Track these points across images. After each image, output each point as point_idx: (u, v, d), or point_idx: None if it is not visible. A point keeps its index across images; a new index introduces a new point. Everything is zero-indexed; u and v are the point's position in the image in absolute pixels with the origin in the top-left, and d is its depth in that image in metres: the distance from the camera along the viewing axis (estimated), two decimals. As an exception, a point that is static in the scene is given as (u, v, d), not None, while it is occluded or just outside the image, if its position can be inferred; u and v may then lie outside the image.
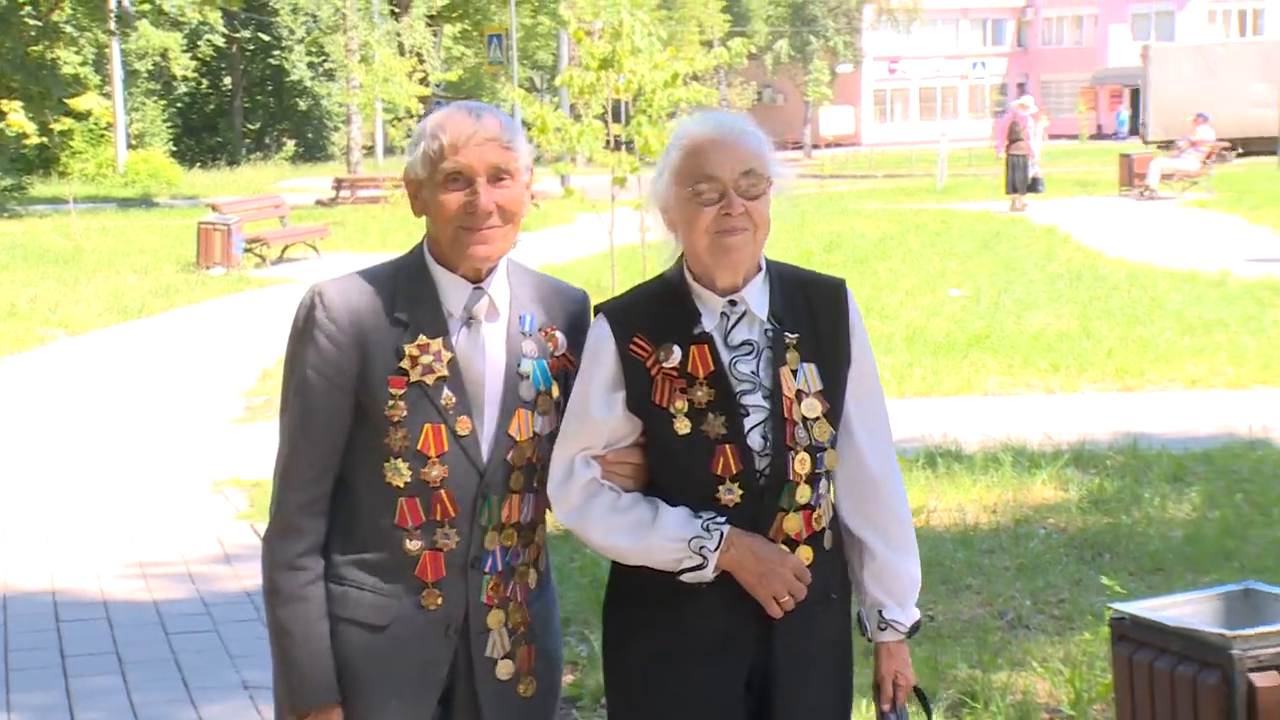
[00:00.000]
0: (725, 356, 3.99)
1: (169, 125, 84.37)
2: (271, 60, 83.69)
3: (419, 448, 3.88)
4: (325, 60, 63.48)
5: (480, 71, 62.78)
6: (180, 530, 12.87)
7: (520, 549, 4.11)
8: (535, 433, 4.05)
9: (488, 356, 4.04)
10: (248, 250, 35.28)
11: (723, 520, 3.90)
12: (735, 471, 3.92)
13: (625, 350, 3.99)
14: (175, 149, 78.96)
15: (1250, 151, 60.78)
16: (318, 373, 3.90)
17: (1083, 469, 13.52)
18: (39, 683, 9.25)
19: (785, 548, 4.02)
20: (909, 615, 4.24)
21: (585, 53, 24.72)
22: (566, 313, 4.27)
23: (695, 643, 3.99)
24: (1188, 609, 5.79)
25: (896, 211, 45.54)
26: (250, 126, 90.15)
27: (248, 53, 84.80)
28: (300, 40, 67.87)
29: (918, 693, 4.46)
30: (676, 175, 4.01)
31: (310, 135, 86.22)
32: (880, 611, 4.19)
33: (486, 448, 3.99)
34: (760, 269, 4.11)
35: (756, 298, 4.06)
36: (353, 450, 3.97)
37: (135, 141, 73.26)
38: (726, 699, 4.03)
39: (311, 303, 3.95)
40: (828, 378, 4.09)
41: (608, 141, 24.88)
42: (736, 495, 3.92)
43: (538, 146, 22.75)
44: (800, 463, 3.97)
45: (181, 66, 72.82)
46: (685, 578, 3.88)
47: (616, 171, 24.55)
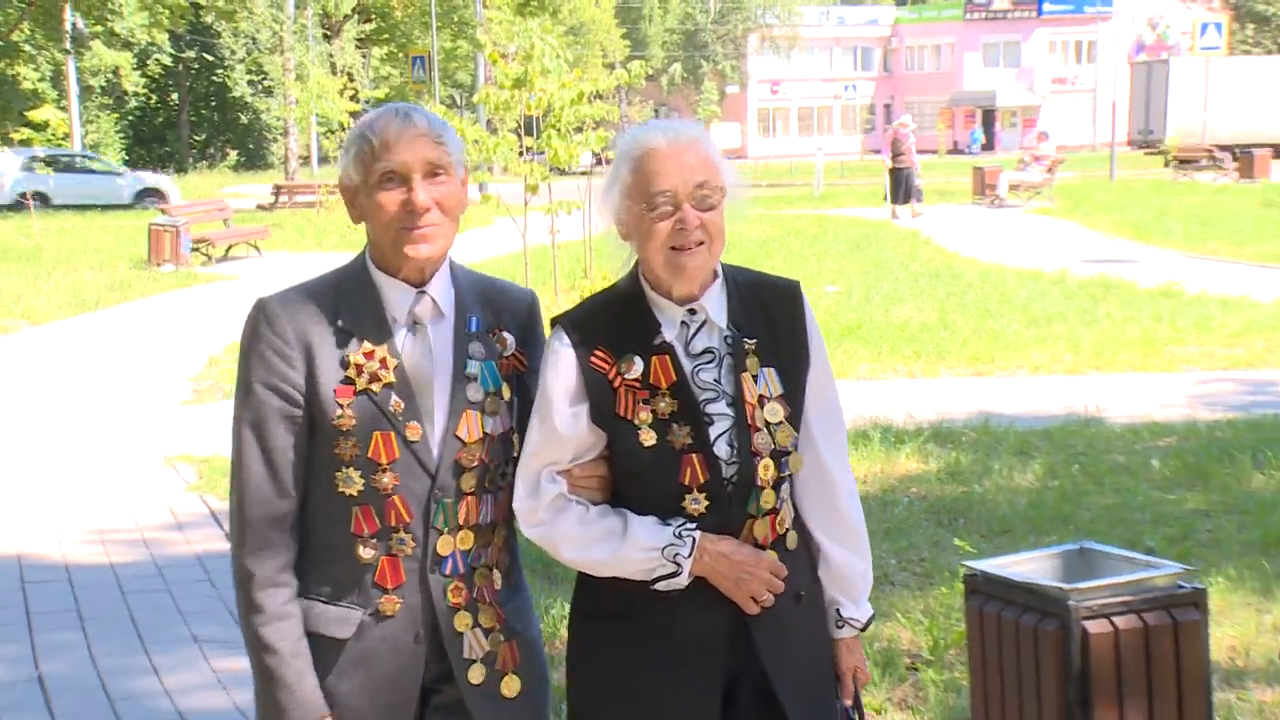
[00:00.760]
0: (687, 366, 3.70)
1: (121, 136, 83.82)
2: (215, 78, 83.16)
3: (369, 455, 3.57)
4: (264, 78, 63.09)
5: (405, 90, 62.34)
6: (135, 501, 12.82)
7: (480, 550, 3.76)
8: (485, 433, 3.72)
9: (435, 360, 3.72)
10: (195, 249, 34.88)
11: (693, 526, 3.64)
12: (703, 481, 3.63)
13: (586, 363, 3.68)
14: (127, 158, 78.38)
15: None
16: (267, 387, 3.58)
17: (941, 444, 13.69)
18: (7, 637, 9.23)
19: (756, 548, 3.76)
20: (863, 611, 4.03)
21: (500, 73, 24.83)
22: (513, 313, 3.93)
23: (669, 650, 3.70)
24: (1031, 566, 5.86)
25: (779, 217, 45.42)
26: (196, 138, 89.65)
27: (193, 71, 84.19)
28: (241, 60, 67.47)
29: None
30: (628, 189, 3.70)
31: (251, 146, 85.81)
32: (838, 610, 3.97)
33: (436, 451, 3.66)
34: (716, 275, 3.83)
35: (715, 305, 3.77)
36: (307, 462, 3.64)
37: (91, 149, 72.61)
38: (703, 707, 3.74)
39: (256, 317, 3.63)
40: (788, 381, 3.80)
41: (521, 152, 24.90)
42: (703, 505, 3.64)
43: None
44: (765, 468, 3.69)
45: (132, 83, 72.25)
46: (660, 586, 3.61)
47: (529, 179, 24.45)
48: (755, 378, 3.71)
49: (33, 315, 25.95)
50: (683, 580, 3.58)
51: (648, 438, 3.60)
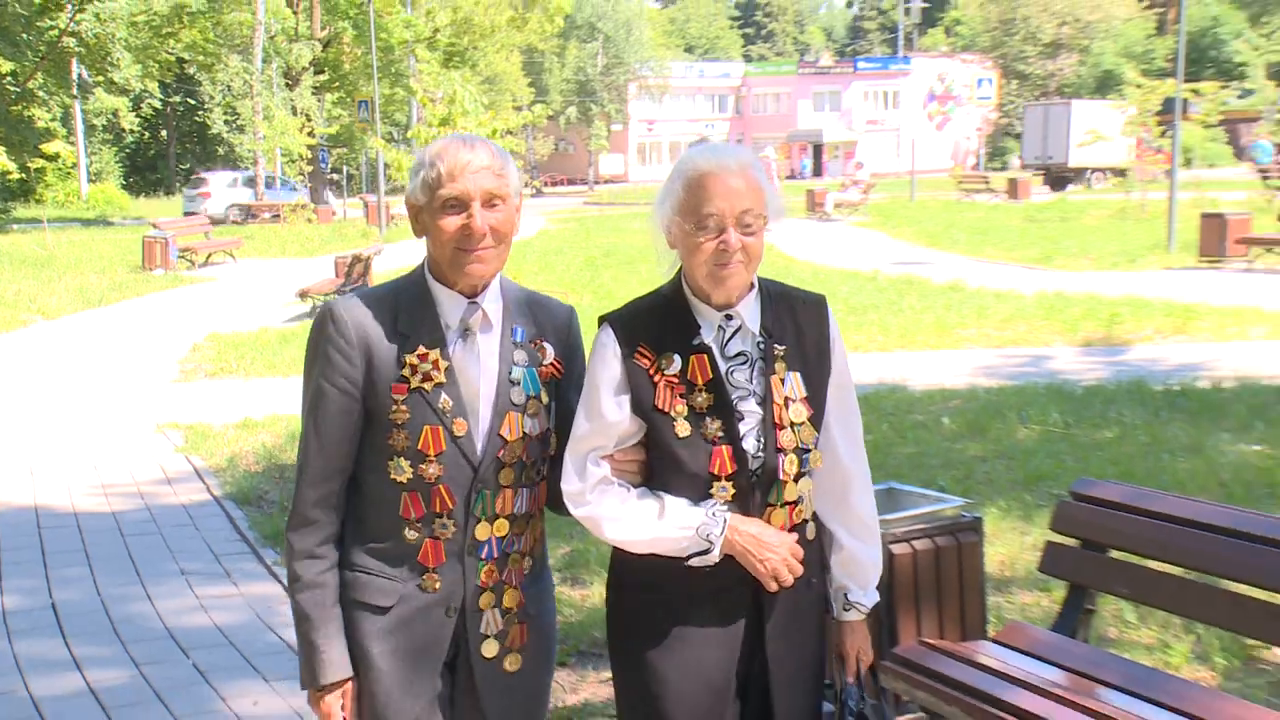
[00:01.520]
0: (722, 366, 3.49)
1: (120, 165, 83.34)
2: (196, 118, 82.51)
3: (419, 447, 3.42)
4: (237, 118, 62.40)
5: (353, 127, 62.00)
6: (132, 460, 12.73)
7: (514, 538, 3.61)
8: (525, 433, 3.55)
9: (482, 365, 3.55)
10: (181, 256, 34.67)
11: (725, 508, 3.43)
12: (730, 471, 3.42)
13: (629, 358, 3.49)
14: (125, 183, 78.09)
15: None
16: (330, 382, 3.45)
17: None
18: (26, 573, 9.15)
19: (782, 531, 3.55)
20: (870, 597, 3.80)
21: (429, 114, 24.81)
22: (554, 325, 3.74)
23: (697, 619, 3.50)
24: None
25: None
26: (182, 166, 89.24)
27: (179, 112, 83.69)
28: (218, 103, 66.74)
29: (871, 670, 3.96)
30: (680, 206, 3.46)
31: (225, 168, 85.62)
32: (846, 594, 3.75)
33: (480, 447, 3.50)
34: (752, 286, 3.60)
35: (749, 313, 3.54)
36: (362, 450, 3.51)
37: (94, 177, 72.08)
38: (724, 674, 3.54)
39: (323, 320, 3.49)
40: (811, 385, 3.57)
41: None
42: (729, 493, 3.42)
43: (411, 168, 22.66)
44: (789, 463, 3.48)
45: (129, 122, 71.73)
46: (693, 562, 3.41)
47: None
48: (783, 380, 3.52)
49: (46, 311, 25.69)
50: (714, 556, 3.39)
51: (683, 429, 3.42)
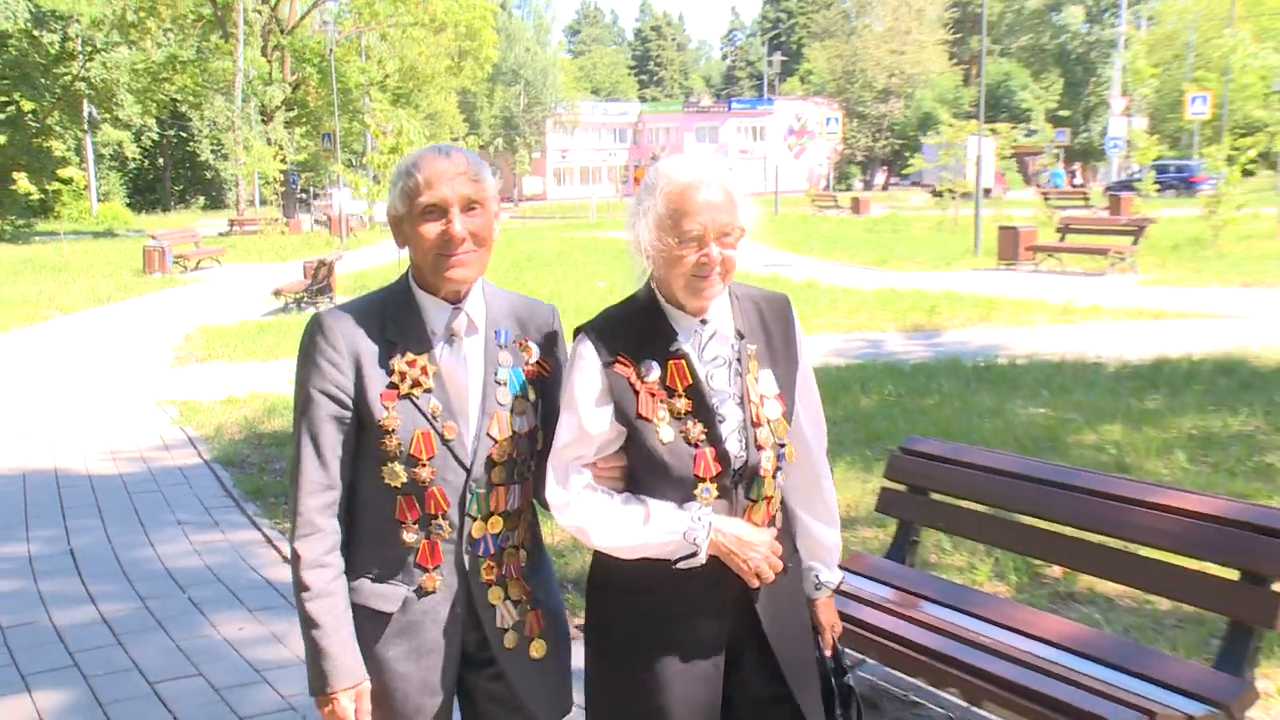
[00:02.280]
0: (701, 370, 3.08)
1: (124, 187, 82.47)
2: (188, 148, 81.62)
3: (411, 452, 3.02)
4: (221, 148, 61.98)
5: (318, 155, 61.57)
6: (136, 430, 12.65)
7: (509, 533, 3.18)
8: (514, 431, 3.14)
9: (469, 368, 3.13)
10: (176, 262, 34.29)
11: (708, 511, 3.03)
12: (715, 473, 3.03)
13: (609, 368, 3.06)
14: (128, 201, 77.16)
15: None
16: (320, 391, 3.02)
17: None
18: (48, 524, 9.11)
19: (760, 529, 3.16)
20: (836, 575, 3.48)
21: (381, 144, 25.31)
22: (538, 326, 3.32)
23: (678, 618, 3.08)
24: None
25: (569, 237, 45.56)
26: (176, 188, 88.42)
27: (173, 143, 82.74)
28: (206, 135, 66.35)
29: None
30: (659, 220, 3.03)
31: (214, 193, 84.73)
32: (815, 575, 3.41)
33: (471, 448, 3.09)
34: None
35: (722, 316, 3.16)
36: (356, 457, 3.08)
37: (102, 197, 71.26)
38: (709, 666, 3.12)
39: (312, 330, 3.07)
40: (782, 381, 3.20)
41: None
42: (714, 494, 3.03)
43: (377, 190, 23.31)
44: (768, 459, 3.09)
45: (131, 152, 71.13)
46: (680, 565, 3.02)
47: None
48: (757, 379, 3.14)
49: (63, 308, 25.37)
50: (700, 559, 3.00)
51: (666, 434, 3.01)
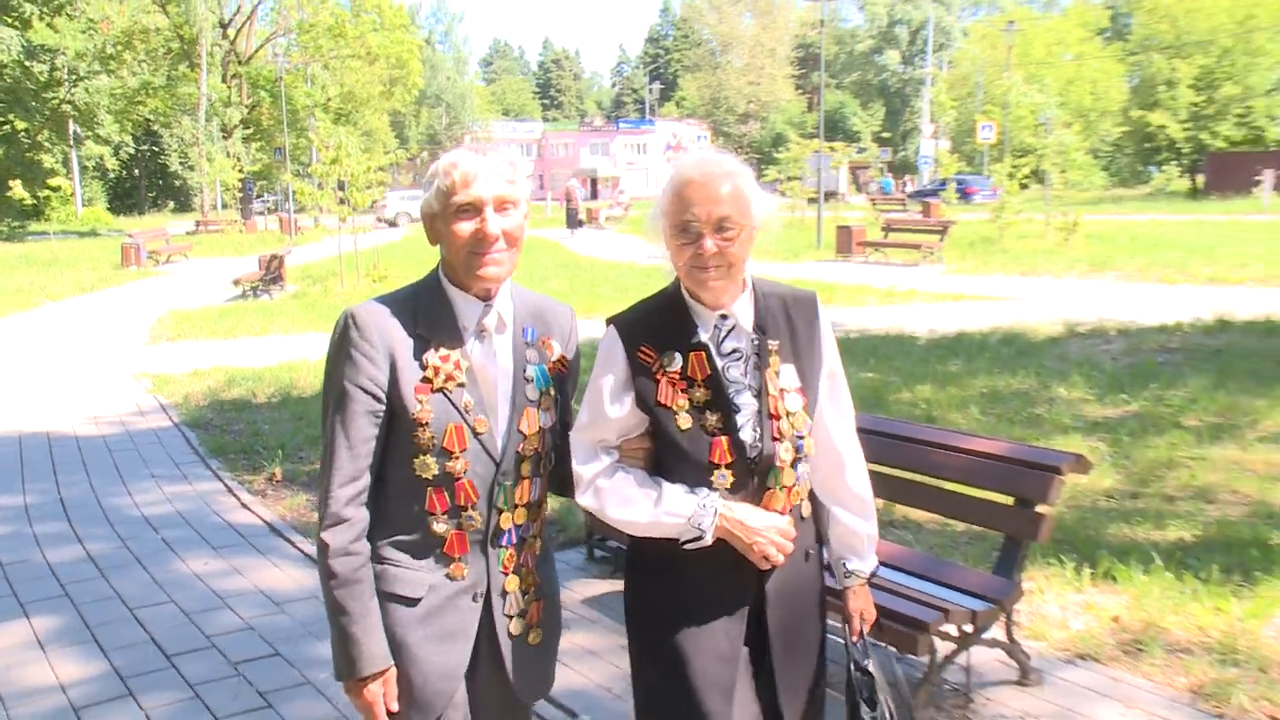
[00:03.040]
0: (719, 363, 2.75)
1: (105, 193, 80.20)
2: (160, 160, 79.61)
3: (444, 444, 2.64)
4: (188, 160, 60.67)
5: (271, 166, 60.51)
6: (115, 399, 12.41)
7: (529, 523, 2.84)
8: (540, 427, 2.79)
9: (498, 364, 2.77)
10: (150, 256, 33.40)
11: (716, 497, 2.69)
12: (729, 460, 2.69)
13: (633, 357, 2.77)
14: (109, 206, 75.12)
15: None
16: (354, 384, 2.62)
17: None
18: (40, 478, 8.96)
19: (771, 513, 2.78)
20: (868, 565, 3.03)
21: (324, 156, 25.09)
22: (559, 325, 2.96)
23: (705, 595, 2.76)
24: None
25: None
26: (150, 194, 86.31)
27: (146, 156, 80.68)
28: (175, 150, 64.98)
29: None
30: (666, 213, 2.76)
31: (182, 199, 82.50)
32: (845, 564, 3.01)
33: (500, 442, 2.73)
34: (746, 286, 2.82)
35: (743, 312, 2.80)
36: (386, 448, 2.68)
37: (86, 202, 69.31)
38: (732, 643, 2.76)
39: (345, 324, 2.67)
40: (804, 376, 2.82)
41: (339, 200, 24.74)
42: (729, 480, 2.70)
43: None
44: (786, 450, 2.74)
45: (111, 164, 69.01)
46: (687, 546, 2.70)
47: (340, 214, 24.76)
48: (778, 373, 2.78)
49: (53, 296, 24.72)
50: (707, 542, 2.67)
51: (684, 421, 2.71)
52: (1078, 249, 26.04)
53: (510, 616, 2.78)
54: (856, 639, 2.99)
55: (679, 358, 2.73)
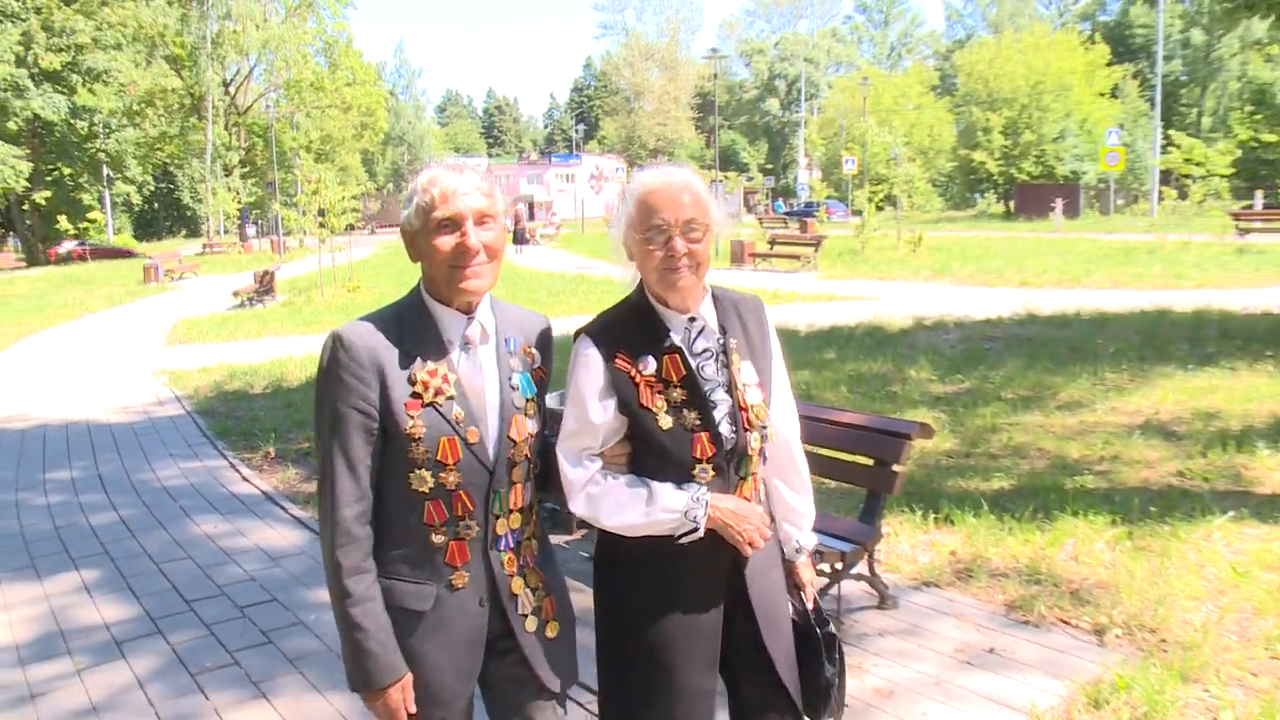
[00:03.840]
0: (693, 363, 2.45)
1: (132, 223, 78.27)
2: (175, 195, 77.67)
3: (438, 458, 2.28)
4: (197, 194, 59.66)
5: (264, 198, 59.36)
6: (139, 391, 12.16)
7: (524, 526, 2.45)
8: (529, 433, 2.42)
9: (484, 374, 2.39)
10: (167, 274, 32.74)
11: (705, 491, 2.40)
12: (710, 454, 2.40)
13: (611, 364, 2.42)
14: (134, 234, 73.26)
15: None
16: (347, 405, 2.24)
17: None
18: (82, 456, 8.81)
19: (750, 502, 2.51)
20: (812, 539, 2.73)
21: (306, 188, 24.86)
22: (537, 334, 2.57)
23: (680, 585, 2.44)
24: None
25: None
26: (166, 223, 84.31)
27: (164, 192, 78.73)
28: (186, 187, 63.90)
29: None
30: (632, 221, 2.42)
31: (192, 226, 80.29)
32: (795, 540, 2.68)
33: (492, 451, 2.35)
34: (706, 291, 2.54)
35: (708, 314, 2.51)
36: (381, 465, 2.30)
37: (117, 231, 67.43)
38: (711, 625, 2.46)
39: (333, 347, 2.28)
40: (760, 371, 2.53)
41: (320, 224, 24.40)
42: (710, 474, 2.41)
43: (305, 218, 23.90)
44: (754, 440, 2.46)
45: (135, 199, 67.71)
46: (682, 539, 2.39)
47: (320, 236, 24.41)
48: (739, 369, 2.49)
49: (90, 307, 24.17)
50: (700, 533, 2.38)
51: (665, 422, 2.39)
52: (922, 259, 26.43)
53: (525, 615, 2.42)
54: (811, 605, 2.69)
55: (652, 361, 2.43)
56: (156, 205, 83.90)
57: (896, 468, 4.67)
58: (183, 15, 54.41)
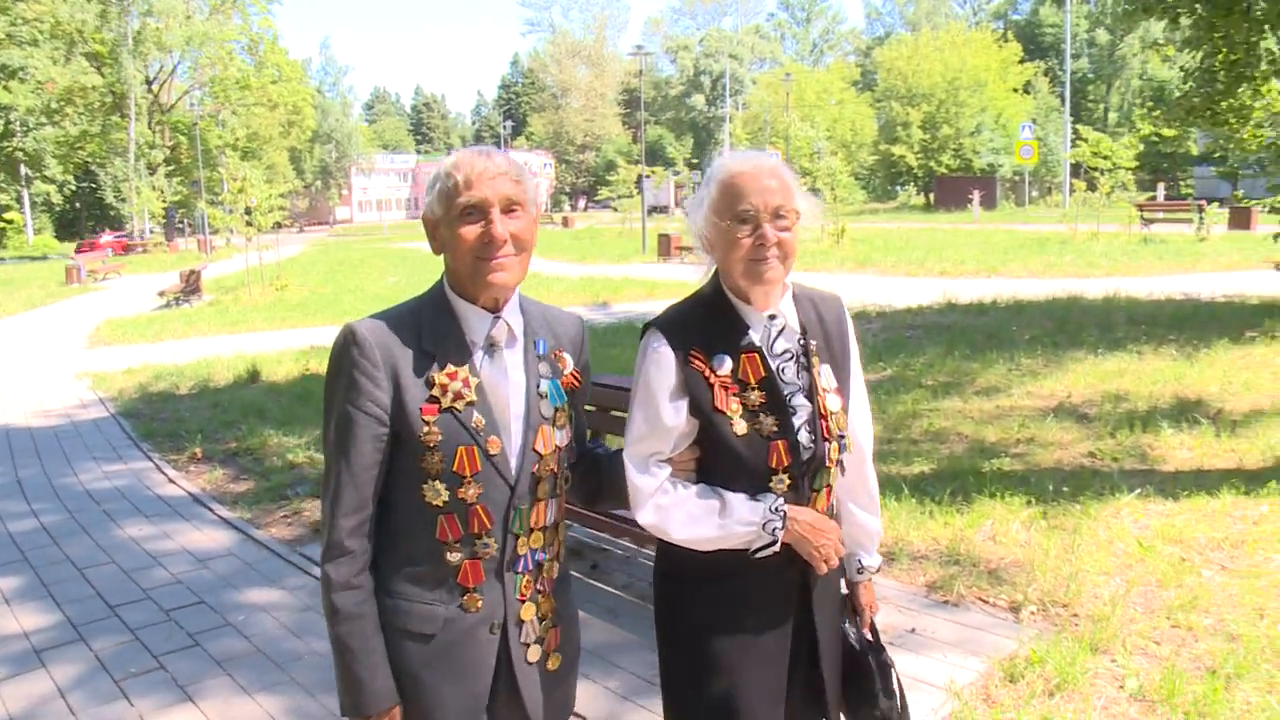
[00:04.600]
0: (773, 364, 2.18)
1: (52, 223, 75.73)
2: (97, 195, 75.14)
3: (454, 469, 2.01)
4: (120, 194, 57.89)
5: (189, 196, 57.97)
6: (61, 395, 11.79)
7: (546, 547, 2.17)
8: (556, 446, 2.14)
9: (510, 379, 2.10)
10: (89, 275, 31.91)
11: (783, 502, 2.14)
12: (787, 464, 2.14)
13: (685, 363, 2.14)
14: (55, 234, 71.02)
15: None
16: (356, 407, 1.98)
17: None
18: (0, 462, 8.54)
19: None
20: (876, 560, 2.44)
21: (232, 186, 24.47)
22: (570, 336, 2.27)
23: (747, 605, 2.19)
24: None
25: (369, 248, 44.33)
26: (89, 223, 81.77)
27: (85, 191, 76.35)
28: (110, 186, 62.05)
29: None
30: (715, 206, 2.15)
31: (116, 226, 78.13)
32: (859, 560, 2.42)
33: (515, 463, 2.08)
34: (787, 288, 2.26)
35: (789, 312, 2.24)
36: (392, 474, 2.04)
37: (36, 231, 65.51)
38: (779, 650, 2.22)
39: (345, 342, 2.02)
40: (839, 376, 2.27)
41: (246, 222, 24.12)
42: (786, 484, 2.15)
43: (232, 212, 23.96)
44: (833, 450, 2.21)
45: (56, 199, 65.65)
46: (759, 554, 2.13)
47: (247, 234, 24.16)
48: (819, 373, 2.23)
49: (7, 310, 23.46)
50: (776, 547, 2.14)
51: (740, 427, 2.12)
52: (846, 250, 26.79)
53: (527, 644, 2.16)
54: (868, 631, 2.43)
55: (728, 360, 2.15)
56: (79, 205, 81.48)
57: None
58: (102, 11, 52.84)
